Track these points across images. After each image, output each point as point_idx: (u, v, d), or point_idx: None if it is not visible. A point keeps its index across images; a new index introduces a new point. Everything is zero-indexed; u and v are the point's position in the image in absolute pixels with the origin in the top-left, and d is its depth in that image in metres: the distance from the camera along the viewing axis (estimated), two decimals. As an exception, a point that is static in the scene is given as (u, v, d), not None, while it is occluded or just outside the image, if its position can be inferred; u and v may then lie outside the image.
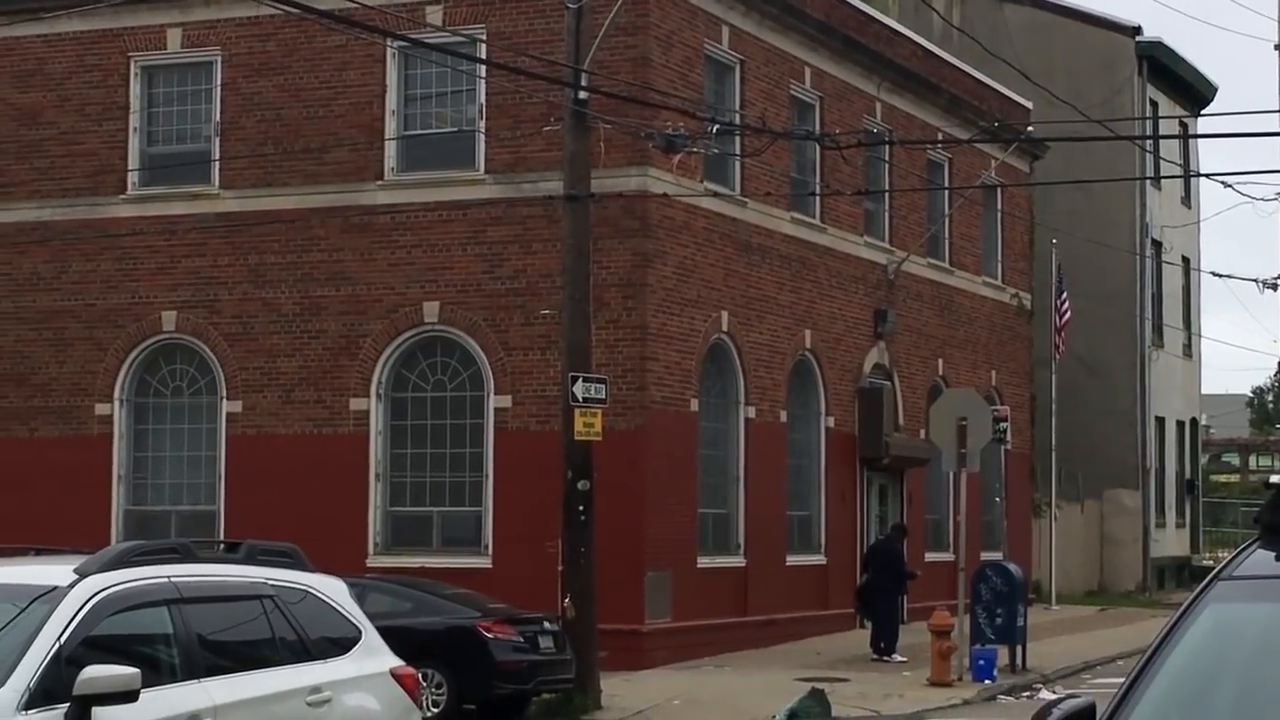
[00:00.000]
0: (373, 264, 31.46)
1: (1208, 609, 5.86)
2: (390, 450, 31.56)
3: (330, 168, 31.68)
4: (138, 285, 32.83)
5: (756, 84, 33.52)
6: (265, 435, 31.98)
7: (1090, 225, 47.54)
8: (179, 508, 32.62)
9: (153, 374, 33.11)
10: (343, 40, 30.56)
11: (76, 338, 33.18)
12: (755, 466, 33.45)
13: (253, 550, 12.26)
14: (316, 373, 31.78)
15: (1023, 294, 45.76)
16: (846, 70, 36.62)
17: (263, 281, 32.10)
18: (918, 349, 39.89)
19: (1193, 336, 58.60)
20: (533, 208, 29.85)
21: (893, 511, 38.67)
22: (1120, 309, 50.80)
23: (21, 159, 33.64)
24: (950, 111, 40.69)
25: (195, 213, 32.54)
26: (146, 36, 32.88)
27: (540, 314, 29.91)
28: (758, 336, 33.62)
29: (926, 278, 40.39)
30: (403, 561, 29.99)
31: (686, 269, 31.26)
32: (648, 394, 30.00)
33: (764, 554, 33.61)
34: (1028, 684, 28.50)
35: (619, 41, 28.14)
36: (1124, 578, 51.73)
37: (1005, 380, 44.35)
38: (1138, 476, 52.06)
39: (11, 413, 33.51)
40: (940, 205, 41.03)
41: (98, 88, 33.18)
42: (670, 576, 30.57)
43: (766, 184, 33.53)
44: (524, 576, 28.28)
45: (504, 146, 30.76)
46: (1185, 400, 57.65)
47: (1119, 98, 49.31)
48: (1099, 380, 49.77)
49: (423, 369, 31.51)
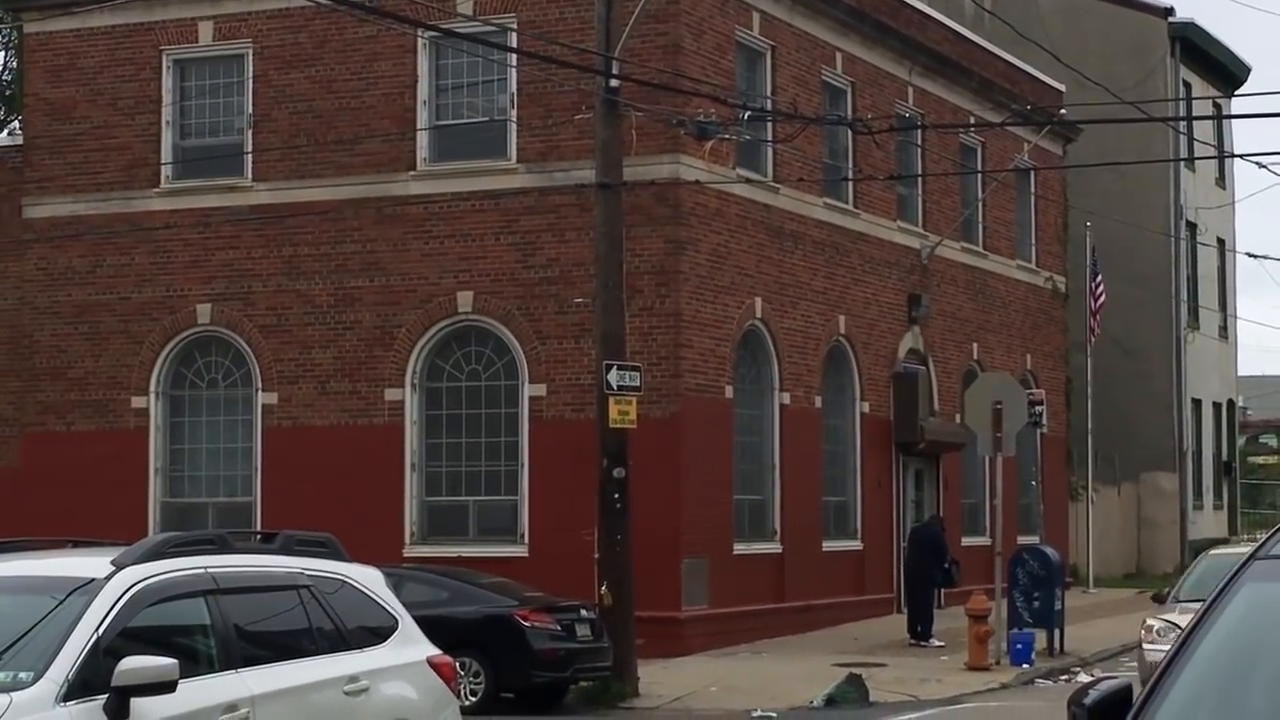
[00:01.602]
0: (406, 254, 31.50)
1: (1244, 588, 5.84)
2: (425, 440, 31.61)
3: (362, 159, 31.71)
4: (172, 279, 32.92)
5: (788, 70, 33.48)
6: (301, 426, 32.06)
7: (1124, 207, 47.41)
8: (216, 500, 32.72)
9: (188, 367, 33.20)
10: (374, 31, 30.59)
11: (112, 331, 33.28)
12: (790, 453, 33.43)
13: (289, 541, 12.27)
14: (351, 364, 31.84)
15: (1057, 277, 45.67)
16: (878, 55, 36.56)
17: (296, 273, 32.16)
18: (952, 333, 39.83)
19: (1228, 318, 58.41)
20: (565, 196, 29.87)
21: (929, 497, 38.63)
22: (1155, 291, 50.63)
23: (55, 154, 33.75)
24: (982, 95, 40.59)
25: (229, 205, 32.62)
26: (178, 30, 32.96)
27: (574, 302, 29.92)
28: (791, 323, 33.58)
29: (960, 262, 40.32)
30: (439, 551, 30.03)
31: (719, 256, 31.24)
32: (682, 381, 29.99)
33: (800, 540, 33.59)
34: (1065, 667, 28.44)
35: (650, 29, 28.12)
36: (1162, 560, 51.55)
37: (1040, 364, 44.26)
38: (1175, 459, 51.91)
39: (48, 406, 33.64)
40: (973, 189, 40.95)
41: (130, 81, 33.27)
42: (707, 563, 30.57)
43: (799, 170, 33.48)
44: (560, 565, 28.30)
45: (536, 135, 30.76)
46: (1222, 382, 57.48)
47: (1152, 79, 49.11)
48: (1135, 363, 49.62)
49: (457, 359, 31.55)
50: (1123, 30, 50.85)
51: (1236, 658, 5.67)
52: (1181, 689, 5.57)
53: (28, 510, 31.64)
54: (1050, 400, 42.78)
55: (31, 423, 33.87)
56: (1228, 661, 5.65)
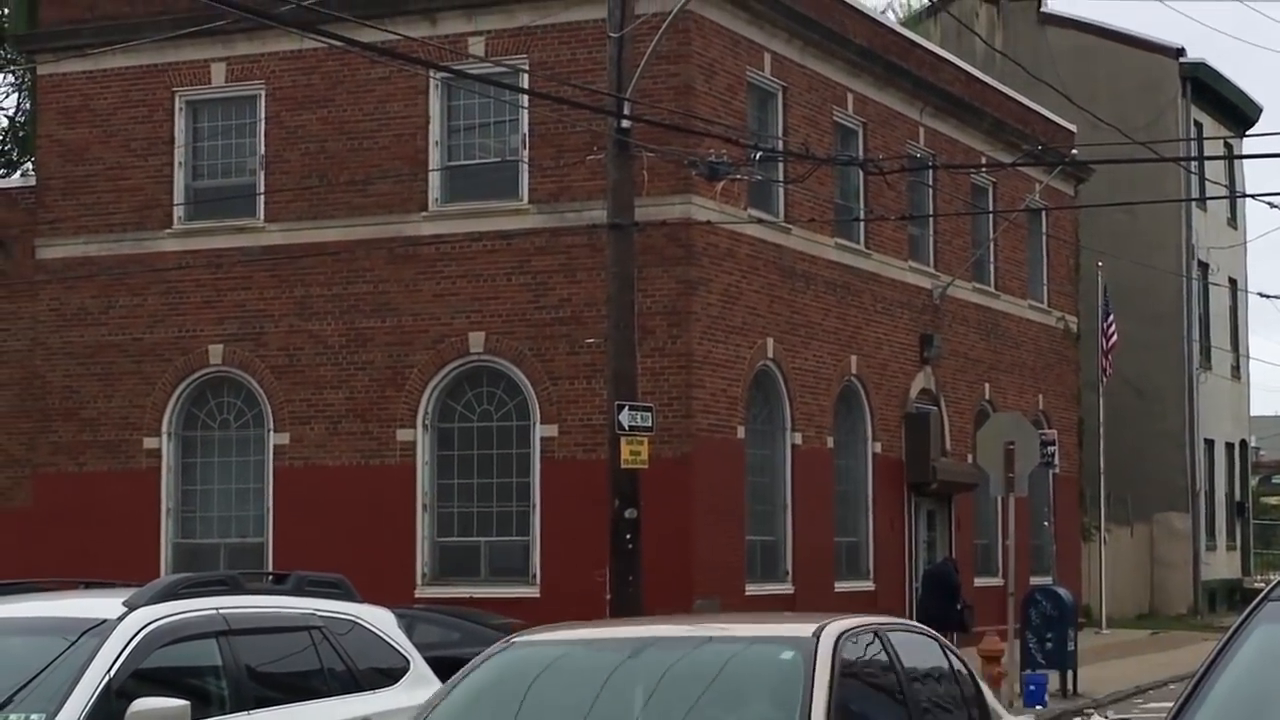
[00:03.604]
0: (418, 295, 31.54)
1: (1258, 630, 5.84)
2: (437, 480, 31.60)
3: (374, 199, 31.79)
4: (184, 319, 32.97)
5: (799, 110, 33.54)
6: (313, 467, 32.06)
7: (1136, 247, 47.42)
8: (227, 540, 32.71)
9: (200, 407, 33.23)
10: (386, 73, 30.69)
11: (124, 372, 33.32)
12: (802, 493, 33.40)
13: (301, 581, 12.28)
14: (363, 404, 31.86)
15: (1069, 317, 45.66)
16: (889, 96, 36.62)
17: (309, 314, 32.21)
18: (964, 373, 39.82)
19: (1240, 358, 58.38)
20: (577, 236, 29.92)
21: (941, 537, 38.57)
22: (1167, 331, 50.65)
23: (68, 195, 33.84)
24: (994, 135, 40.65)
25: (241, 246, 32.70)
26: (190, 71, 33.06)
27: (585, 342, 29.93)
28: (803, 363, 33.58)
29: (972, 302, 40.32)
30: (451, 591, 30.01)
31: (731, 296, 31.26)
32: (694, 421, 29.98)
33: (812, 581, 33.53)
34: (1079, 709, 28.35)
35: (661, 69, 28.19)
36: (1175, 601, 51.49)
37: (1052, 404, 44.23)
38: (1187, 499, 51.86)
39: (60, 447, 33.67)
40: (985, 229, 40.98)
41: (142, 123, 33.36)
42: (718, 604, 30.48)
43: (810, 210, 33.53)
44: (572, 605, 28.18)
45: (547, 176, 30.83)
46: (1234, 422, 57.41)
47: (1163, 119, 49.18)
48: (1147, 403, 49.60)
49: (469, 399, 31.56)
50: (1134, 71, 50.96)
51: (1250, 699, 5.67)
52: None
53: (39, 551, 31.64)
54: (1062, 440, 42.71)
55: (43, 463, 33.89)
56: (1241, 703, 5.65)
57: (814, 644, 9.53)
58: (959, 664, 11.17)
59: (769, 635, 10.35)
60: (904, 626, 11.47)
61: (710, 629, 10.75)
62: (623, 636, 10.44)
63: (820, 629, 9.73)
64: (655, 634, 10.48)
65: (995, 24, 51.00)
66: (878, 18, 38.25)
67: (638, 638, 10.30)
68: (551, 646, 10.19)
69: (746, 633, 10.64)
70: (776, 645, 9.85)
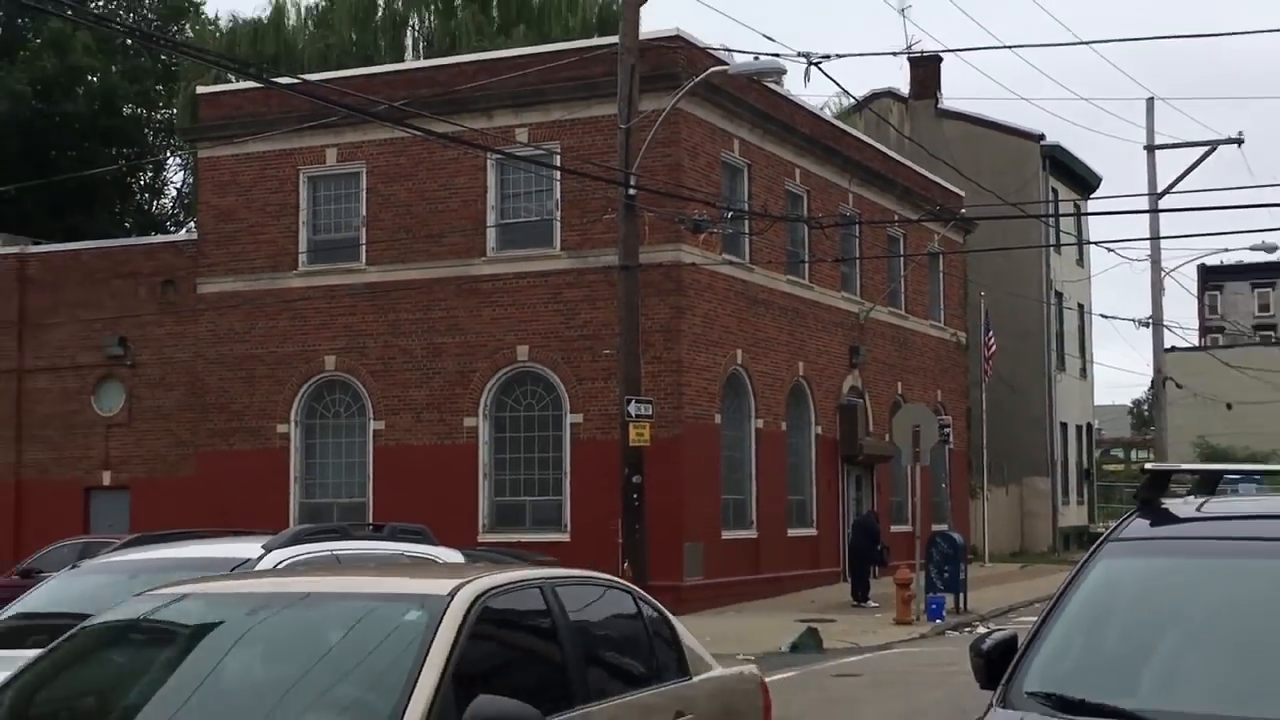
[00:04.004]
0: (479, 318, 31.59)
1: (1100, 563, 5.85)
2: (494, 455, 31.64)
3: (446, 248, 31.83)
4: (306, 336, 33.03)
5: (760, 181, 33.57)
6: (401, 445, 32.10)
7: (1009, 282, 47.46)
8: (339, 500, 32.75)
9: (318, 402, 33.28)
10: (454, 154, 30.74)
11: (262, 376, 33.38)
12: (763, 463, 33.41)
13: (393, 530, 12.27)
14: (439, 399, 31.90)
15: (960, 333, 45.65)
16: (826, 170, 36.64)
17: (398, 332, 32.25)
18: (882, 375, 39.81)
19: (1086, 363, 58.30)
20: (596, 275, 29.95)
21: (866, 495, 38.55)
22: (1032, 343, 50.68)
23: (220, 246, 33.92)
24: (904, 199, 40.67)
25: (348, 283, 32.74)
26: (310, 154, 33.13)
27: (603, 353, 29.97)
28: (763, 367, 33.60)
29: (888, 322, 40.32)
30: (504, 537, 30.02)
31: (709, 318, 31.29)
32: (683, 411, 30.01)
33: (771, 528, 33.56)
34: (968, 622, 28.35)
35: (658, 151, 28.24)
36: (1039, 542, 51.43)
37: (948, 397, 44.21)
38: (1048, 467, 51.84)
39: (216, 432, 33.74)
40: (897, 268, 40.98)
41: (275, 192, 33.43)
42: (702, 546, 30.55)
43: (768, 254, 33.55)
44: (593, 547, 28.30)
45: (574, 230, 30.86)
46: (1082, 410, 57.37)
47: (1028, 187, 49.14)
48: (1017, 396, 49.55)
49: (516, 395, 31.59)
50: (1006, 151, 50.94)
51: (1094, 614, 5.67)
52: (1053, 638, 5.57)
53: (201, 508, 31.70)
54: (956, 424, 42.70)
55: (203, 444, 33.97)
56: (1088, 616, 5.65)
57: (446, 602, 6.61)
58: (651, 611, 8.65)
59: (400, 592, 7.07)
60: (581, 579, 8.26)
61: (345, 584, 7.45)
62: (250, 592, 7.31)
63: (460, 585, 6.80)
64: (285, 590, 7.27)
65: (904, 117, 50.98)
66: (818, 113, 38.24)
67: (265, 594, 7.16)
68: (179, 600, 7.08)
69: (380, 589, 7.26)
70: (404, 604, 6.74)
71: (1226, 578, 5.65)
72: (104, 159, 49.43)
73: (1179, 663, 5.40)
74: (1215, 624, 5.54)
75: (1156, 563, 5.83)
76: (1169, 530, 5.94)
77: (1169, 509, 6.04)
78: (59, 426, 36.02)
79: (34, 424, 36.25)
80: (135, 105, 52.47)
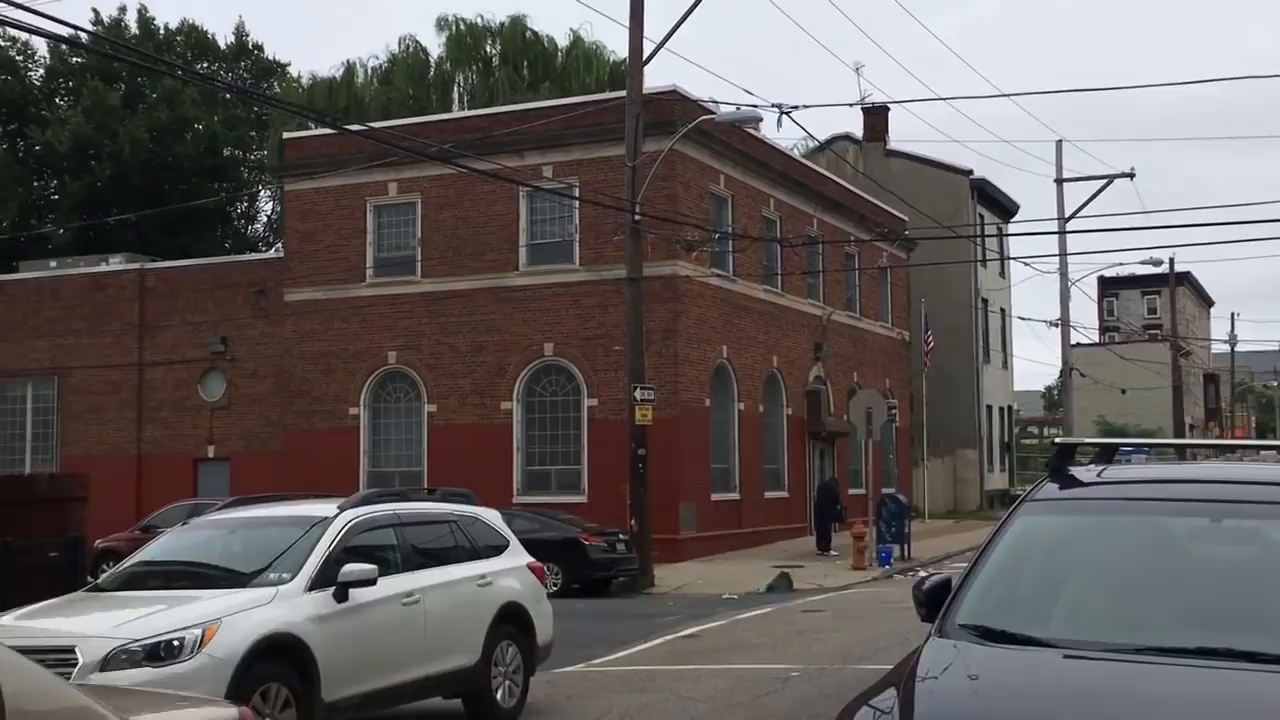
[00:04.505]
0: (512, 321, 31.56)
1: (1018, 519, 5.84)
2: (525, 432, 31.61)
3: (486, 264, 31.80)
4: (373, 336, 33.01)
5: (741, 208, 33.52)
6: (451, 425, 32.09)
7: (944, 290, 47.35)
8: (399, 469, 32.74)
9: (383, 389, 33.26)
10: (492, 187, 30.70)
11: (337, 369, 33.36)
12: (744, 438, 33.38)
13: (443, 493, 12.31)
14: (481, 387, 31.88)
15: (904, 332, 45.57)
16: (796, 199, 36.58)
17: (447, 333, 32.23)
18: (841, 366, 39.77)
19: (1008, 356, 58.13)
20: (609, 286, 29.91)
21: (828, 465, 38.51)
22: (963, 339, 50.51)
23: (303, 262, 33.90)
24: (859, 223, 40.59)
25: (406, 293, 32.71)
26: (376, 187, 33.11)
27: (614, 349, 29.94)
28: (745, 360, 33.56)
29: (846, 323, 40.26)
30: (534, 499, 30.03)
31: (701, 321, 31.26)
32: (679, 396, 29.99)
33: (751, 491, 33.53)
34: (911, 567, 28.33)
35: (658, 185, 28.21)
36: (969, 502, 51.32)
37: (895, 384, 44.15)
38: (976, 441, 51.73)
39: (301, 414, 33.74)
40: (853, 280, 40.92)
41: (347, 219, 33.41)
42: (695, 505, 30.54)
43: (748, 269, 33.49)
44: (607, 507, 28.32)
45: (590, 249, 30.83)
46: (1004, 394, 57.22)
47: (960, 212, 48.99)
48: (951, 383, 49.45)
49: (544, 383, 31.57)
50: (942, 183, 50.77)
51: (1014, 561, 5.67)
52: (980, 581, 5.56)
53: (288, 477, 31.72)
54: (900, 406, 42.62)
55: (290, 424, 33.96)
56: (1008, 564, 5.65)
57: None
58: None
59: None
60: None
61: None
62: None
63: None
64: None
65: (858, 156, 50.82)
66: (788, 153, 38.17)
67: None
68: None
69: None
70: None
71: (1121, 530, 5.65)
72: (208, 192, 49.49)
73: (1081, 600, 5.40)
74: (1111, 569, 5.53)
75: (1065, 519, 5.83)
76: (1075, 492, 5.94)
77: (1075, 474, 6.03)
78: (172, 410, 36.08)
79: (152, 408, 36.32)
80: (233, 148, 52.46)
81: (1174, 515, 5.60)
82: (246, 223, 56.20)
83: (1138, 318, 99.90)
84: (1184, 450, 9.41)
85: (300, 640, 9.32)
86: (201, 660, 8.66)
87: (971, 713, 4.54)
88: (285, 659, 9.21)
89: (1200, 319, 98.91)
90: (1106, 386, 63.59)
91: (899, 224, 43.75)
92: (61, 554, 14.99)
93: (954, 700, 4.66)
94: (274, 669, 9.10)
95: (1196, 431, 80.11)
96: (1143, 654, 4.86)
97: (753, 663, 14.52)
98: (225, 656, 8.75)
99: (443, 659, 10.80)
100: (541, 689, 12.56)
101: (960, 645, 5.10)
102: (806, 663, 14.32)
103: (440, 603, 10.85)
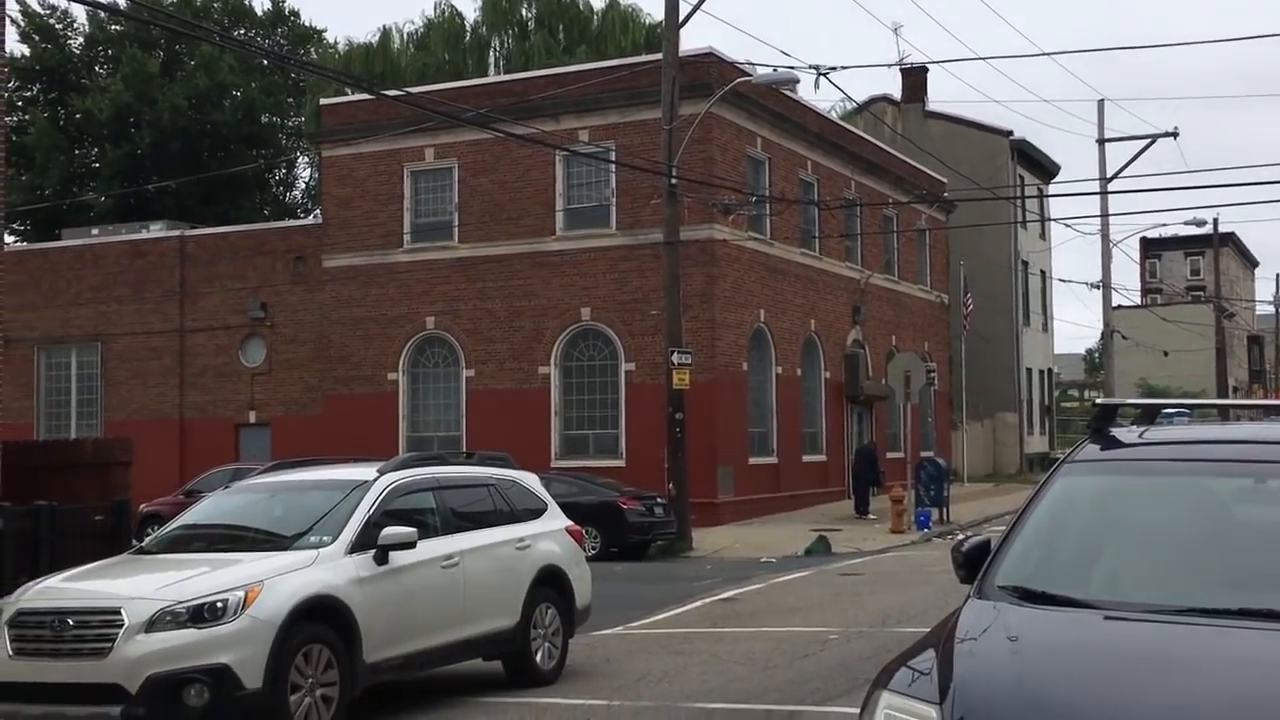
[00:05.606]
0: (550, 285, 31.58)
1: (1059, 481, 5.80)
2: (563, 397, 31.70)
3: (524, 228, 31.81)
4: (411, 301, 33.13)
5: (779, 171, 33.37)
6: (489, 389, 32.22)
7: (984, 252, 47.01)
8: (438, 433, 32.92)
9: (421, 354, 33.40)
10: (529, 152, 30.69)
11: (376, 334, 33.53)
12: (782, 402, 33.35)
13: (482, 457, 12.36)
14: (519, 351, 31.96)
15: (943, 295, 45.31)
16: (833, 161, 36.38)
17: (485, 297, 32.30)
18: (879, 329, 39.62)
19: (1048, 318, 57.71)
20: (646, 250, 29.88)
21: (866, 429, 38.44)
22: (1003, 303, 50.16)
23: (341, 228, 34.02)
24: (896, 185, 40.34)
25: (444, 258, 32.79)
26: (412, 152, 33.14)
27: (650, 313, 29.93)
28: (782, 324, 33.49)
29: (884, 286, 40.08)
30: (571, 462, 30.14)
31: (738, 284, 31.18)
32: (716, 360, 29.97)
33: (789, 455, 33.53)
34: (950, 530, 28.33)
35: (695, 148, 28.11)
36: (1008, 465, 51.10)
37: (933, 347, 43.95)
38: (1016, 404, 51.46)
39: (340, 379, 33.95)
40: (892, 242, 40.71)
41: (385, 185, 33.48)
42: (733, 469, 30.58)
43: (786, 232, 33.36)
44: (644, 471, 28.39)
45: (627, 213, 30.78)
46: (1044, 357, 56.85)
47: (1000, 173, 48.56)
48: (991, 346, 49.16)
49: (581, 348, 31.61)
50: (981, 144, 50.31)
51: (1053, 522, 5.64)
52: (1020, 542, 5.54)
53: (328, 440, 31.96)
54: (939, 369, 42.45)
55: (330, 389, 34.19)
56: (1048, 525, 5.62)
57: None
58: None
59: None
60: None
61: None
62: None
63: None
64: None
65: (897, 118, 50.42)
66: (825, 115, 37.93)
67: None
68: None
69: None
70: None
71: (1162, 491, 5.60)
72: (246, 159, 49.67)
73: (1121, 561, 5.37)
74: (1152, 530, 5.49)
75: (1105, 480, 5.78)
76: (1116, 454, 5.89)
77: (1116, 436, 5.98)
78: (213, 375, 36.39)
79: (193, 374, 36.64)
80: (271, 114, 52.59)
81: (1217, 476, 5.54)
82: (285, 189, 56.40)
83: (1180, 279, 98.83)
84: (1227, 411, 9.31)
85: (341, 602, 9.41)
86: (244, 622, 8.76)
87: (1011, 674, 4.53)
88: (326, 621, 9.30)
89: (1244, 280, 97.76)
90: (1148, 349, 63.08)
91: (938, 186, 43.42)
92: (107, 517, 15.19)
93: (993, 661, 4.65)
94: (316, 631, 9.19)
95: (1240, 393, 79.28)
96: (1184, 615, 4.83)
97: (791, 625, 14.56)
98: (268, 618, 8.84)
99: (482, 621, 10.88)
100: (580, 651, 12.65)
101: (1000, 606, 5.08)
102: (845, 625, 14.35)
103: (479, 566, 10.91)
